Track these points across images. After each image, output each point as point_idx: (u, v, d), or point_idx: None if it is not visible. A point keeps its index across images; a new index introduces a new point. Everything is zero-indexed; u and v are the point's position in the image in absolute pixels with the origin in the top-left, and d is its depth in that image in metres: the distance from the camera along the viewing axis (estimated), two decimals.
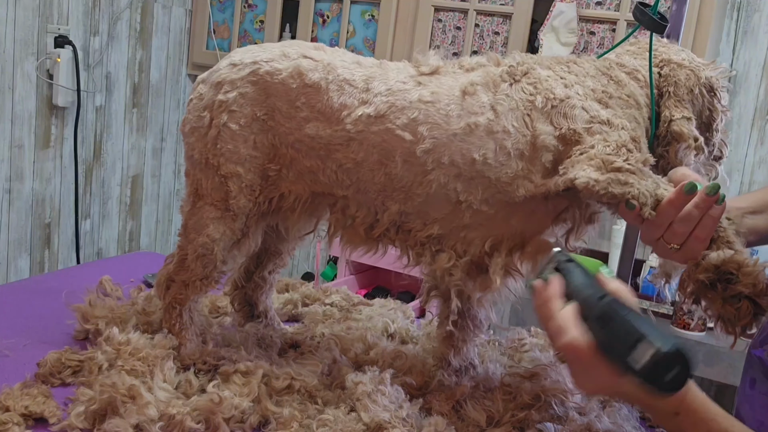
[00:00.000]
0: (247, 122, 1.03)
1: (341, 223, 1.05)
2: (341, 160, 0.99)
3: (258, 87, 1.02)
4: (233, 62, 1.05)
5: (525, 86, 0.94)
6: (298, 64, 1.01)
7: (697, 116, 0.97)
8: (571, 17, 2.37)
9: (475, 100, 0.95)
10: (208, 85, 1.06)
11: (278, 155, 1.03)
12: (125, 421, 0.87)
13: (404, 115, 0.95)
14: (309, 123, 1.00)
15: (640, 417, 1.11)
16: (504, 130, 0.93)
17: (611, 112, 0.92)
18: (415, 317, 1.45)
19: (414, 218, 1.00)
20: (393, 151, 0.96)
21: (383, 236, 1.03)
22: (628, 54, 1.02)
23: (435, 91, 0.96)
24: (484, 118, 0.93)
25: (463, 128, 0.93)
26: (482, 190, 0.94)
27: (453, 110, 0.94)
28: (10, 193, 2.57)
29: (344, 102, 0.98)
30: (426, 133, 0.94)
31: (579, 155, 0.88)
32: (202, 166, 1.06)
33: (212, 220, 1.06)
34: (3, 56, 2.45)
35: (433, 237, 1.00)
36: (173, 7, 3.11)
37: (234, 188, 1.04)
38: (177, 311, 1.10)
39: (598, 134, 0.89)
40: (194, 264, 1.08)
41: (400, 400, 0.97)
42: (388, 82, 0.98)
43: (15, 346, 1.12)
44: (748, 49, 2.42)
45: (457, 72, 1.00)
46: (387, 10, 2.72)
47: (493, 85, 0.96)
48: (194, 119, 1.06)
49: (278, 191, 1.05)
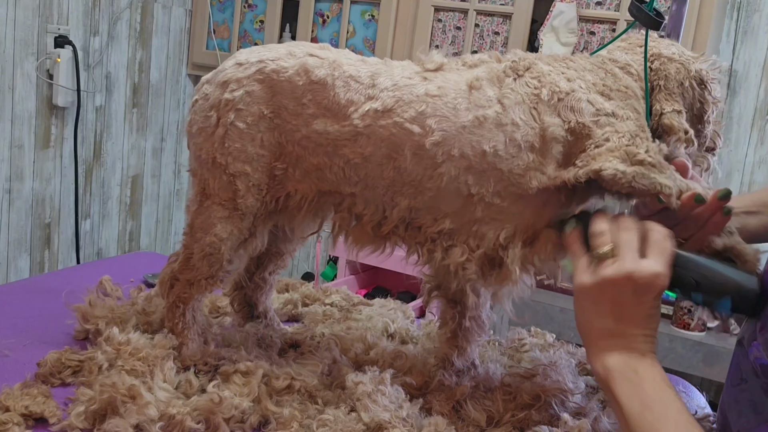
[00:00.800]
0: (254, 120, 1.03)
1: (347, 223, 1.05)
2: (349, 156, 0.99)
3: (264, 85, 1.02)
4: (239, 61, 1.05)
5: (529, 80, 0.95)
6: (304, 61, 1.02)
7: (688, 108, 0.98)
8: (571, 17, 2.37)
9: (482, 94, 0.95)
10: (213, 85, 1.06)
11: (285, 153, 1.04)
12: (125, 421, 0.87)
13: (412, 109, 0.96)
14: (316, 119, 1.00)
15: None
16: (513, 122, 0.93)
17: (615, 104, 0.93)
18: (415, 317, 1.45)
19: (424, 214, 0.99)
20: (402, 145, 0.96)
21: (392, 234, 1.02)
22: (619, 50, 1.02)
23: (441, 86, 0.97)
24: (492, 111, 0.94)
25: (472, 121, 0.94)
26: (494, 183, 0.95)
27: (461, 103, 0.95)
28: (10, 193, 2.57)
29: (351, 98, 0.99)
30: (435, 125, 0.95)
31: (595, 148, 0.89)
32: (209, 166, 1.06)
33: (220, 220, 1.06)
34: (3, 56, 2.45)
35: (445, 232, 0.99)
36: (173, 7, 3.11)
37: (242, 187, 1.04)
38: (180, 310, 1.10)
39: (607, 126, 0.90)
40: (200, 263, 1.08)
41: (400, 400, 0.97)
42: (394, 78, 0.99)
43: (15, 346, 1.12)
44: (748, 49, 2.42)
45: (461, 68, 1.01)
46: (387, 10, 2.72)
47: (497, 80, 0.96)
48: (201, 119, 1.06)
49: (284, 190, 1.05)
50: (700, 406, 1.19)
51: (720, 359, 1.98)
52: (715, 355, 1.98)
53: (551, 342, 1.32)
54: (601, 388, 0.85)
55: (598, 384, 0.86)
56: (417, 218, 1.00)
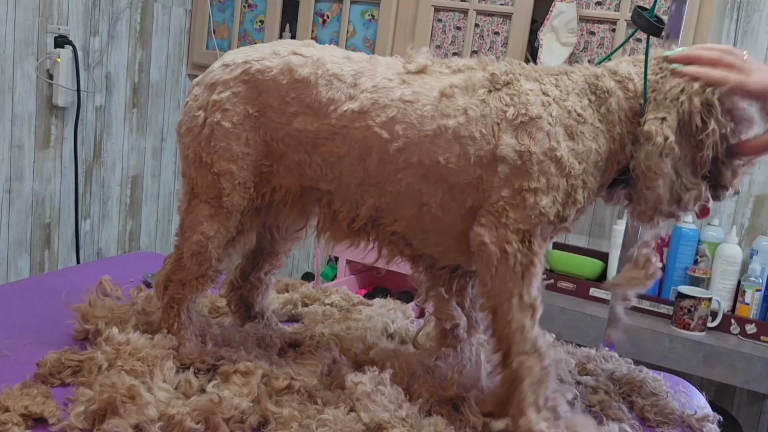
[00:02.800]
0: (240, 120, 1.04)
1: (328, 219, 1.07)
2: (326, 154, 1.02)
3: (250, 85, 1.04)
4: (225, 63, 1.07)
5: (503, 95, 0.95)
6: (288, 60, 1.03)
7: (682, 125, 0.92)
8: (571, 17, 2.37)
9: (452, 102, 0.96)
10: (202, 86, 1.08)
11: (270, 151, 1.05)
12: (125, 422, 0.87)
13: (384, 113, 0.97)
14: (298, 117, 1.02)
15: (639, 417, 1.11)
16: (471, 135, 0.95)
17: (569, 147, 0.93)
18: (414, 317, 1.45)
19: (386, 214, 1.03)
20: (371, 148, 0.98)
21: (362, 230, 1.05)
22: (626, 62, 0.99)
23: (416, 91, 0.98)
24: (454, 121, 0.95)
25: (434, 130, 0.96)
26: (441, 194, 0.97)
27: (428, 111, 0.96)
28: (10, 193, 2.57)
29: (332, 96, 1.00)
30: (401, 132, 0.97)
31: (500, 208, 0.93)
32: (196, 165, 1.08)
33: (206, 218, 1.07)
34: (3, 56, 2.45)
35: (399, 233, 1.03)
36: (173, 7, 3.11)
37: (227, 186, 1.06)
38: (175, 311, 1.10)
39: (542, 178, 0.92)
40: (189, 262, 1.09)
41: (399, 400, 0.97)
42: (375, 79, 1.00)
43: (15, 346, 1.12)
44: (748, 49, 2.42)
45: (444, 72, 1.01)
46: (387, 10, 2.72)
47: (472, 89, 0.97)
48: (189, 119, 1.08)
49: (270, 185, 1.07)
50: (699, 406, 1.19)
51: (720, 359, 1.98)
52: (715, 355, 1.98)
53: (551, 342, 1.32)
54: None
55: None
56: (381, 217, 1.03)
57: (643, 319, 2.13)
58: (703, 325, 2.06)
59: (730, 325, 2.09)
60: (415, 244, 1.04)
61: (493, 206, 0.94)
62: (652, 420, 1.10)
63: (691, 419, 1.11)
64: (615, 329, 1.53)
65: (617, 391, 1.16)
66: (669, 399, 1.15)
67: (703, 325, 2.06)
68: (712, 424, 1.11)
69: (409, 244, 1.05)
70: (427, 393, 1.00)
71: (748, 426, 2.36)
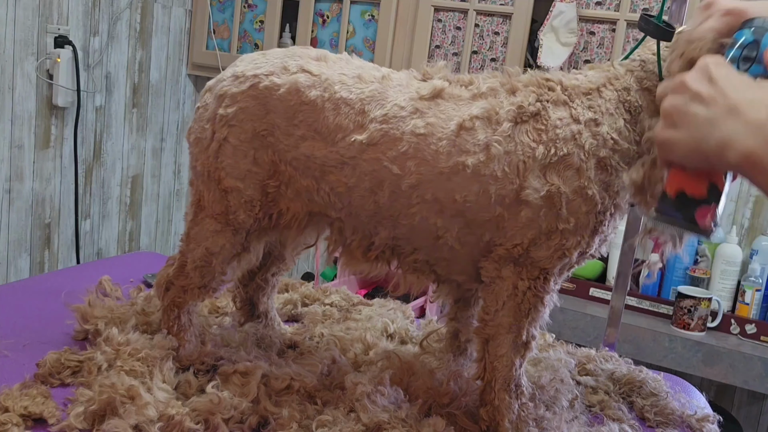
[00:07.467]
0: (248, 138, 1.01)
1: (339, 243, 1.05)
2: (334, 183, 0.98)
3: (258, 102, 1.00)
4: (236, 74, 1.03)
5: (530, 130, 0.89)
6: (296, 80, 0.99)
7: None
8: (571, 17, 2.37)
9: (471, 136, 0.91)
10: (213, 95, 1.05)
11: (278, 172, 1.02)
12: (124, 422, 0.87)
13: (395, 148, 0.93)
14: (305, 141, 0.98)
15: (639, 417, 1.11)
16: (492, 174, 0.89)
17: (601, 180, 0.87)
18: (414, 317, 1.45)
19: (404, 243, 0.99)
20: (382, 181, 0.95)
21: (380, 257, 1.02)
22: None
23: (430, 122, 0.93)
24: (474, 159, 0.90)
25: (451, 167, 0.91)
26: (458, 229, 0.94)
27: (444, 147, 0.91)
28: (10, 193, 2.57)
29: (340, 123, 0.96)
30: (414, 168, 0.92)
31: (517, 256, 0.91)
32: (204, 179, 1.05)
33: (212, 233, 1.05)
34: (3, 56, 2.45)
35: (420, 261, 1.00)
36: (173, 7, 3.11)
37: (234, 203, 1.03)
38: (175, 313, 1.10)
39: (572, 218, 0.87)
40: (193, 273, 1.08)
41: (399, 400, 0.96)
42: (386, 107, 0.95)
43: (15, 346, 1.12)
44: None
45: (462, 97, 0.95)
46: (387, 10, 2.72)
47: (495, 122, 0.91)
48: (198, 129, 1.06)
49: (277, 208, 1.04)
50: (699, 407, 1.19)
51: (720, 359, 1.98)
52: (715, 355, 1.98)
53: (551, 342, 1.32)
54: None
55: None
56: (399, 246, 1.00)
57: (643, 319, 2.13)
58: (703, 325, 2.06)
59: (730, 325, 2.09)
60: (439, 271, 1.01)
61: (514, 245, 0.90)
62: (652, 420, 1.10)
63: (691, 419, 1.11)
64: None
65: (617, 392, 1.17)
66: (669, 399, 1.15)
67: (703, 325, 2.05)
68: (712, 425, 1.11)
69: (433, 270, 1.01)
70: (425, 394, 1.00)
71: (748, 426, 2.36)
